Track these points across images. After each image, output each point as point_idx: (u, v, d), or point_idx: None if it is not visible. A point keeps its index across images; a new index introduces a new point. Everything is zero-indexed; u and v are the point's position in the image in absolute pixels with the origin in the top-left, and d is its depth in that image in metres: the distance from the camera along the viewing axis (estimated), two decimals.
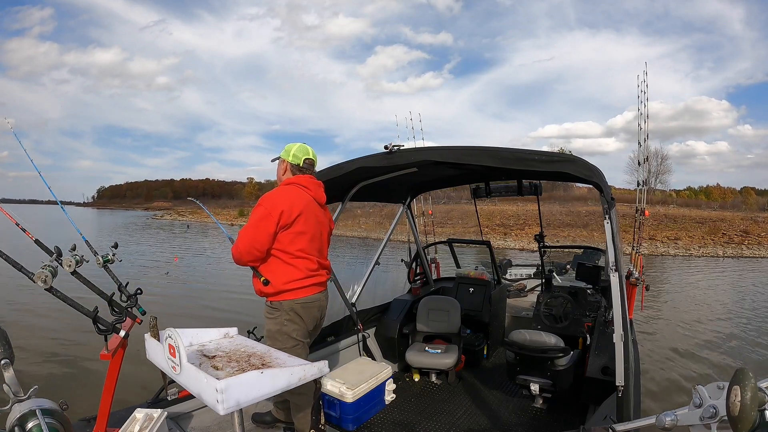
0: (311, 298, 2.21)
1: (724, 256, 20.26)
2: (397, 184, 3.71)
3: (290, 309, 2.15)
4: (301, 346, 2.21)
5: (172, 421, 2.29)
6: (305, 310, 2.19)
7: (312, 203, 2.23)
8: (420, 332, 3.72)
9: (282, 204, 2.11)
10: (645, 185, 4.68)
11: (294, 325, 2.17)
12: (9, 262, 1.71)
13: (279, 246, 2.13)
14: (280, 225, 2.09)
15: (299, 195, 2.19)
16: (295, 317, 2.17)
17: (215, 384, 1.14)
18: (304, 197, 2.20)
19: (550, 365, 2.96)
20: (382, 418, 2.95)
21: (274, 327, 2.17)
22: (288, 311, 2.15)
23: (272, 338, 2.16)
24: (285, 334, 2.16)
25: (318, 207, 2.28)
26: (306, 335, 2.25)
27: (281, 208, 2.09)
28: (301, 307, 2.17)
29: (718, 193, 52.69)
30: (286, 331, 2.16)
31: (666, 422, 1.00)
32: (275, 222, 2.08)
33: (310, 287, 2.20)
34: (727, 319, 8.34)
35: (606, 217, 2.10)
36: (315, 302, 2.23)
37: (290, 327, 2.16)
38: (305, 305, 2.19)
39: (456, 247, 5.89)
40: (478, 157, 2.37)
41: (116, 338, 1.94)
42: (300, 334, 2.20)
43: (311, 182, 2.27)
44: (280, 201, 2.12)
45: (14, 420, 0.89)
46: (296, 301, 2.16)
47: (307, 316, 2.20)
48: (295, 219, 2.13)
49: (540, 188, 4.40)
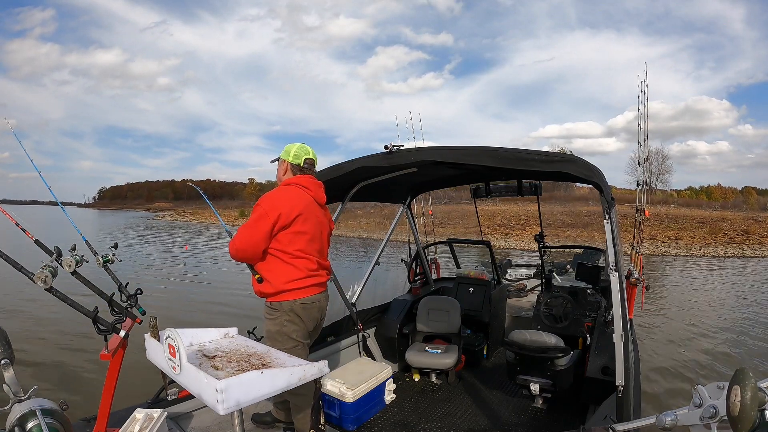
0: (311, 298, 2.21)
1: (726, 256, 20.22)
2: (397, 184, 3.71)
3: (290, 310, 2.15)
4: (301, 347, 2.20)
5: (172, 421, 2.29)
6: (305, 311, 2.19)
7: (312, 203, 2.23)
8: (420, 332, 3.72)
9: (280, 205, 2.11)
10: (645, 185, 4.67)
11: (294, 326, 2.17)
12: (9, 262, 1.71)
13: (278, 246, 2.13)
14: (278, 225, 2.10)
15: (299, 195, 2.19)
16: (294, 318, 2.16)
17: (215, 384, 1.14)
18: (305, 197, 2.20)
19: (550, 365, 2.96)
20: (382, 418, 2.95)
21: (274, 328, 2.17)
22: (288, 312, 2.15)
23: (272, 339, 2.15)
24: (285, 334, 2.16)
25: (318, 207, 2.28)
26: (306, 336, 2.24)
27: (279, 209, 2.10)
28: (301, 307, 2.17)
29: (719, 193, 52.63)
30: (286, 331, 2.16)
31: (666, 422, 1.00)
32: (272, 222, 2.08)
33: (310, 287, 2.20)
34: (728, 320, 8.34)
35: (606, 217, 2.10)
36: (315, 303, 2.23)
37: (290, 328, 2.16)
38: (305, 306, 2.18)
39: (456, 247, 5.89)
40: (478, 157, 2.37)
41: (116, 338, 1.94)
42: (300, 335, 2.19)
43: (311, 182, 2.28)
44: (278, 202, 2.12)
45: (14, 420, 0.89)
46: (296, 301, 2.15)
47: (307, 316, 2.20)
48: (294, 219, 2.12)
49: (540, 188, 4.39)
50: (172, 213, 63.24)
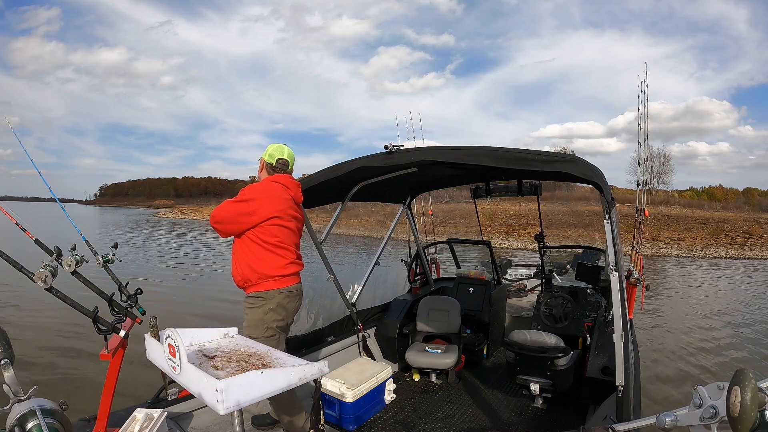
0: (294, 287, 2.32)
1: (727, 257, 20.17)
2: (397, 183, 3.71)
3: (275, 298, 2.23)
4: (278, 339, 2.27)
5: (172, 421, 2.29)
6: (289, 300, 2.29)
7: (290, 201, 2.35)
8: (420, 332, 3.72)
9: (262, 197, 2.24)
10: (645, 185, 4.67)
11: (276, 315, 2.25)
12: (9, 262, 1.71)
13: (263, 236, 2.23)
14: (258, 214, 2.20)
15: (281, 192, 2.31)
16: (278, 308, 2.24)
17: (215, 384, 1.14)
18: (285, 195, 2.32)
19: (550, 365, 2.96)
20: (382, 417, 2.95)
21: (256, 316, 2.24)
22: (272, 300, 2.23)
23: (251, 328, 2.22)
24: (265, 323, 2.22)
25: (295, 205, 2.41)
26: (285, 328, 2.34)
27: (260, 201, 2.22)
28: (285, 296, 2.26)
29: (720, 194, 52.54)
30: (267, 320, 2.23)
31: (666, 422, 1.00)
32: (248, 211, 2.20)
33: (292, 276, 2.31)
34: (729, 320, 8.33)
35: (606, 217, 2.10)
36: (296, 291, 2.33)
37: (271, 317, 2.23)
38: (289, 294, 2.28)
39: (456, 246, 5.89)
40: (478, 157, 2.37)
41: (116, 338, 1.94)
42: (279, 326, 2.28)
43: (291, 182, 2.41)
44: (260, 193, 2.25)
45: (14, 420, 0.89)
46: (281, 290, 2.25)
47: (291, 306, 2.31)
48: (277, 212, 2.24)
49: (540, 188, 4.39)
50: (173, 210, 63.29)
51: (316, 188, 2.79)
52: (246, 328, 2.25)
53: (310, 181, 2.76)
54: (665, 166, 43.99)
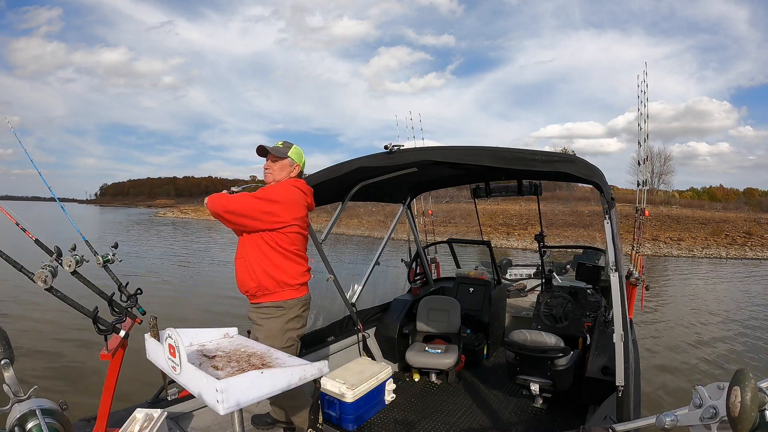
0: (308, 296, 2.30)
1: (728, 257, 20.15)
2: (397, 184, 3.71)
3: (294, 307, 2.19)
4: (296, 348, 2.25)
5: (172, 421, 2.29)
6: (305, 309, 2.27)
7: (306, 208, 2.31)
8: (420, 332, 3.71)
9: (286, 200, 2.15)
10: (645, 185, 4.67)
11: (296, 324, 2.21)
12: (9, 262, 1.71)
13: (281, 242, 2.15)
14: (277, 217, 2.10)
15: (301, 198, 2.26)
16: (298, 318, 2.22)
17: (215, 384, 1.14)
18: (303, 201, 2.28)
19: (550, 365, 2.96)
20: (382, 418, 2.95)
21: (276, 326, 2.17)
22: (291, 310, 2.19)
23: (271, 338, 2.14)
24: (286, 333, 2.18)
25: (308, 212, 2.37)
26: (301, 335, 2.31)
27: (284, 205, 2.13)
28: (302, 305, 2.24)
29: (721, 194, 52.46)
30: (287, 330, 2.19)
31: (666, 422, 1.00)
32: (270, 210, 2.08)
33: (306, 285, 2.29)
34: (729, 320, 8.33)
35: (606, 217, 2.10)
36: (309, 300, 2.31)
37: (292, 326, 2.20)
38: (306, 303, 2.26)
39: (456, 246, 5.89)
40: (478, 157, 2.37)
41: (116, 338, 1.94)
42: (297, 334, 2.25)
43: (307, 188, 2.36)
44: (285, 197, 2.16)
45: (14, 420, 0.89)
46: (300, 299, 2.22)
47: (306, 315, 2.28)
48: (297, 221, 2.18)
49: (540, 188, 4.39)
50: (173, 210, 63.26)
51: (316, 188, 2.78)
52: (265, 338, 2.12)
53: (310, 181, 2.75)
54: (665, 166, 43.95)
